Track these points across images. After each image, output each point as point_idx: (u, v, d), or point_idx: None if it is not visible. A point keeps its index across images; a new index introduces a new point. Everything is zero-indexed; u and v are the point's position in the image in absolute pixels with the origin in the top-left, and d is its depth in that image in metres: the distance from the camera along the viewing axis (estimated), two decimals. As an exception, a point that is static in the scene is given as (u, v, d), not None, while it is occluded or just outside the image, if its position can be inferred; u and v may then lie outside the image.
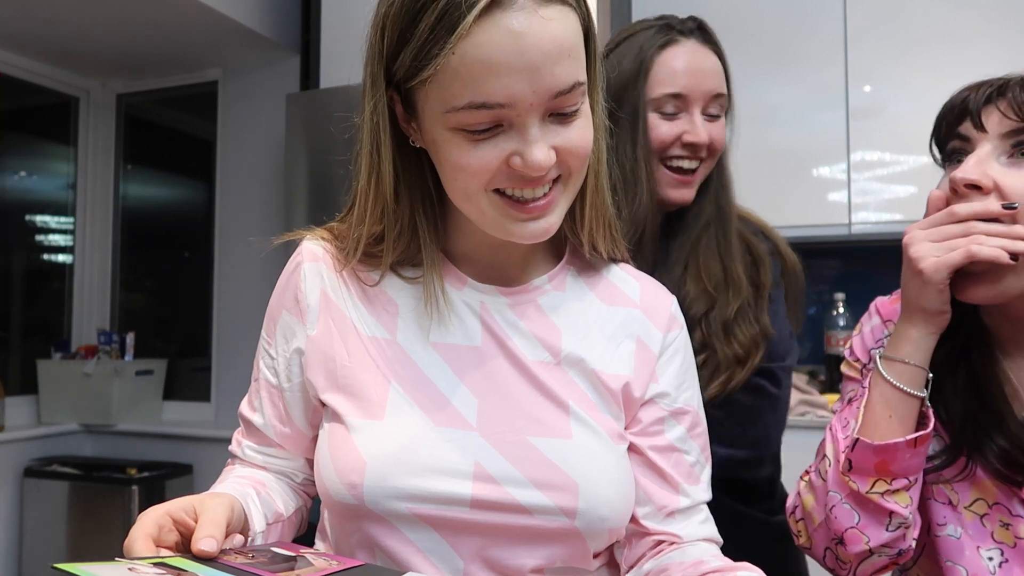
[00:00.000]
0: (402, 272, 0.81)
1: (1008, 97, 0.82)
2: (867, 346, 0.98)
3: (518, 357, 0.78)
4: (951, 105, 0.87)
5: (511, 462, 0.73)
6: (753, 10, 2.78)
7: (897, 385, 0.83)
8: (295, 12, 3.23)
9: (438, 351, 0.78)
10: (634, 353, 0.82)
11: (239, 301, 3.32)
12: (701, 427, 0.85)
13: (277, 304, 0.83)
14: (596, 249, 0.84)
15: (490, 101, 0.66)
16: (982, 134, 0.83)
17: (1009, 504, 0.85)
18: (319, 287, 0.80)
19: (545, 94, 0.67)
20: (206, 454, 3.25)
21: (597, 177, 0.80)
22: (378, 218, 0.77)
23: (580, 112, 0.71)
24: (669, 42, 1.13)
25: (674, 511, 0.80)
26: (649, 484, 0.80)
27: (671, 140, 1.12)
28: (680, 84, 1.11)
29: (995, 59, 2.54)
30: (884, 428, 0.83)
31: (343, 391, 0.77)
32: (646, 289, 0.87)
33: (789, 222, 2.70)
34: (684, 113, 1.13)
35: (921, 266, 0.80)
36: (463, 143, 0.69)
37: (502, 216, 0.72)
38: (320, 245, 0.82)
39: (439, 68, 0.65)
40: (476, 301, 0.80)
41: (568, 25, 0.68)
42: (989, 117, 0.83)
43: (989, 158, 0.82)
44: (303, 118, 2.78)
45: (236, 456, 0.87)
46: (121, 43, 3.17)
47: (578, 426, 0.76)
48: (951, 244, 0.79)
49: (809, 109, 2.73)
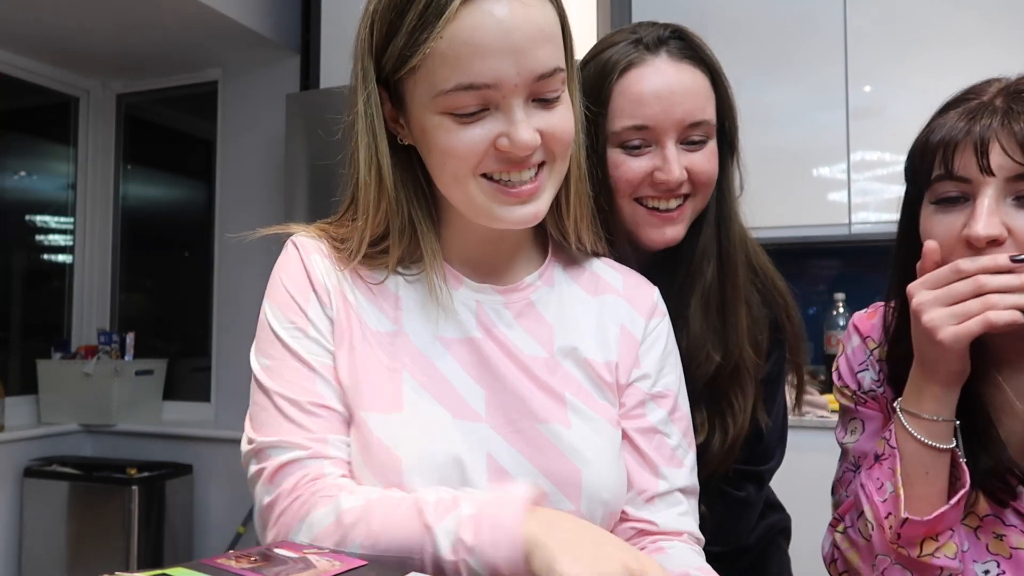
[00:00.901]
0: (401, 270, 0.82)
1: (1016, 134, 0.76)
2: (852, 370, 0.98)
3: (514, 353, 0.80)
4: (945, 139, 0.80)
5: (520, 452, 0.76)
6: (753, 10, 2.78)
7: (929, 444, 0.82)
8: (295, 12, 3.23)
9: (444, 344, 0.80)
10: (618, 338, 0.85)
11: (239, 301, 3.32)
12: (681, 412, 0.87)
13: (295, 287, 0.79)
14: (581, 241, 0.86)
15: (477, 82, 0.70)
16: (988, 177, 0.78)
17: (1001, 515, 0.85)
18: (328, 276, 0.80)
19: (529, 76, 0.71)
20: (206, 454, 3.25)
21: (579, 167, 0.83)
22: (383, 213, 0.78)
23: (561, 99, 0.75)
24: (632, 64, 0.95)
25: (653, 496, 0.81)
26: (631, 466, 0.82)
27: (639, 180, 0.94)
28: (644, 115, 0.93)
29: (995, 59, 2.54)
30: (922, 488, 0.82)
31: (357, 379, 0.77)
32: (628, 279, 0.90)
33: (789, 222, 2.70)
34: (654, 146, 0.95)
35: (939, 337, 0.77)
36: (452, 127, 0.72)
37: (491, 201, 0.75)
38: (315, 241, 0.82)
39: (428, 53, 0.70)
40: (472, 300, 0.82)
41: (546, 13, 0.73)
42: (993, 157, 0.77)
43: (999, 204, 0.78)
44: (303, 118, 2.78)
45: (328, 482, 0.72)
46: (121, 43, 3.17)
47: (575, 416, 0.79)
48: (966, 310, 0.76)
49: (809, 109, 2.73)
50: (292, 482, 0.72)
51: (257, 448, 0.75)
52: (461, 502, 0.66)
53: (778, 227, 2.68)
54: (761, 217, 1.23)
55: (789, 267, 1.16)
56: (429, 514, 0.65)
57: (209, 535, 3.28)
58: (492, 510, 0.64)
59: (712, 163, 0.97)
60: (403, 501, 0.68)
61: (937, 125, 0.82)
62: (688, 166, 0.94)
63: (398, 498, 0.69)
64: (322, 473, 0.73)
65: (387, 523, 0.66)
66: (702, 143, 0.96)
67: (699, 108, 0.95)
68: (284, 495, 0.72)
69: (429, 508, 0.66)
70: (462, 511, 0.65)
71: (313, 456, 0.73)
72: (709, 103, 0.97)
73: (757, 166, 1.12)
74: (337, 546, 0.67)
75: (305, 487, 0.72)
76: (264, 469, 0.73)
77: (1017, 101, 0.78)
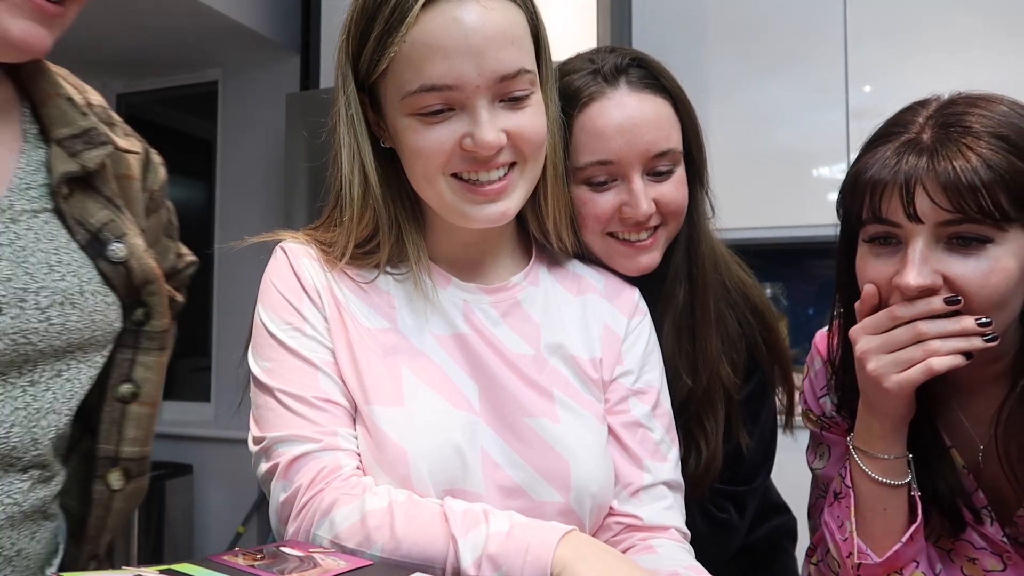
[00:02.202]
0: (391, 269, 0.83)
1: (940, 176, 0.73)
2: (815, 394, 0.98)
3: (502, 351, 0.81)
4: (873, 180, 0.77)
5: (510, 446, 0.77)
6: (753, 11, 2.79)
7: (883, 481, 0.82)
8: (295, 12, 3.23)
9: (436, 340, 0.81)
10: (601, 336, 0.87)
11: (239, 301, 3.32)
12: (663, 408, 0.88)
13: (287, 289, 0.80)
14: (562, 240, 0.88)
15: (439, 83, 0.72)
16: (917, 225, 0.75)
17: (970, 538, 0.86)
18: (318, 278, 0.81)
19: (490, 77, 0.73)
20: (206, 454, 3.25)
21: (556, 168, 0.85)
22: (370, 213, 0.80)
23: (531, 100, 0.77)
24: (592, 97, 0.91)
25: (638, 489, 0.82)
26: (616, 460, 0.83)
27: (607, 216, 0.92)
28: (607, 149, 0.90)
29: (994, 60, 2.55)
30: (882, 524, 0.82)
31: (359, 374, 0.78)
32: (610, 280, 0.93)
33: (789, 222, 2.70)
34: (620, 180, 0.92)
35: (885, 385, 0.77)
36: (418, 127, 0.75)
37: (460, 200, 0.77)
38: (303, 246, 0.83)
39: (393, 57, 0.73)
40: (460, 299, 0.83)
41: (510, 16, 0.75)
42: (919, 203, 0.74)
43: (930, 251, 0.75)
44: (303, 118, 2.78)
45: (346, 473, 0.73)
46: (121, 43, 3.17)
47: (564, 411, 0.80)
48: (909, 357, 0.76)
49: (809, 109, 2.73)
50: (310, 476, 0.72)
51: (267, 445, 0.75)
52: (491, 517, 0.66)
53: (778, 227, 2.68)
54: (761, 217, 1.22)
55: (789, 267, 1.16)
56: (455, 524, 0.65)
57: (209, 535, 3.28)
58: (523, 532, 0.64)
59: (681, 191, 0.95)
60: (428, 508, 0.68)
61: (866, 163, 0.79)
62: (656, 197, 0.92)
63: (423, 504, 0.69)
64: (339, 465, 0.73)
65: (410, 529, 0.66)
66: (669, 172, 0.93)
67: (663, 137, 0.92)
68: (303, 489, 0.71)
69: (456, 518, 0.66)
70: (491, 527, 0.65)
71: (326, 448, 0.73)
72: (673, 130, 0.94)
73: (757, 166, 1.12)
74: (359, 546, 0.67)
75: (324, 480, 0.72)
76: (277, 464, 0.73)
77: (944, 139, 0.75)
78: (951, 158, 0.73)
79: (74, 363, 0.77)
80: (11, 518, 0.73)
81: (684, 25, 2.82)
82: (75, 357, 0.77)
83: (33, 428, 0.74)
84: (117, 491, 0.83)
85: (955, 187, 0.72)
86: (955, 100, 0.79)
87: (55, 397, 0.75)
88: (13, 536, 0.73)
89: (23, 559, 0.75)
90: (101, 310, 0.78)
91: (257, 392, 0.78)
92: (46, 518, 0.78)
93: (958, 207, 0.72)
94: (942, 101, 0.80)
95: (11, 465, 0.73)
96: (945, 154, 0.73)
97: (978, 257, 0.74)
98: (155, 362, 0.85)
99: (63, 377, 0.76)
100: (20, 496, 0.73)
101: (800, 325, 2.93)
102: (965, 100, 0.78)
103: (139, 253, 0.82)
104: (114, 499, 0.83)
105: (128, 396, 0.83)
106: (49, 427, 0.75)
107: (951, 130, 0.75)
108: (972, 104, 0.77)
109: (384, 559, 0.65)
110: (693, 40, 2.81)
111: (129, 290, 0.81)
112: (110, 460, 0.82)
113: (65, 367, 0.76)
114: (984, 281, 0.74)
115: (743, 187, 2.53)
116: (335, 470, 0.72)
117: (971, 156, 0.72)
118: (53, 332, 0.73)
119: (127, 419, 0.83)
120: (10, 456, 0.72)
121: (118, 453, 0.83)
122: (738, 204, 1.15)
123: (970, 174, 0.72)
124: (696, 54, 2.79)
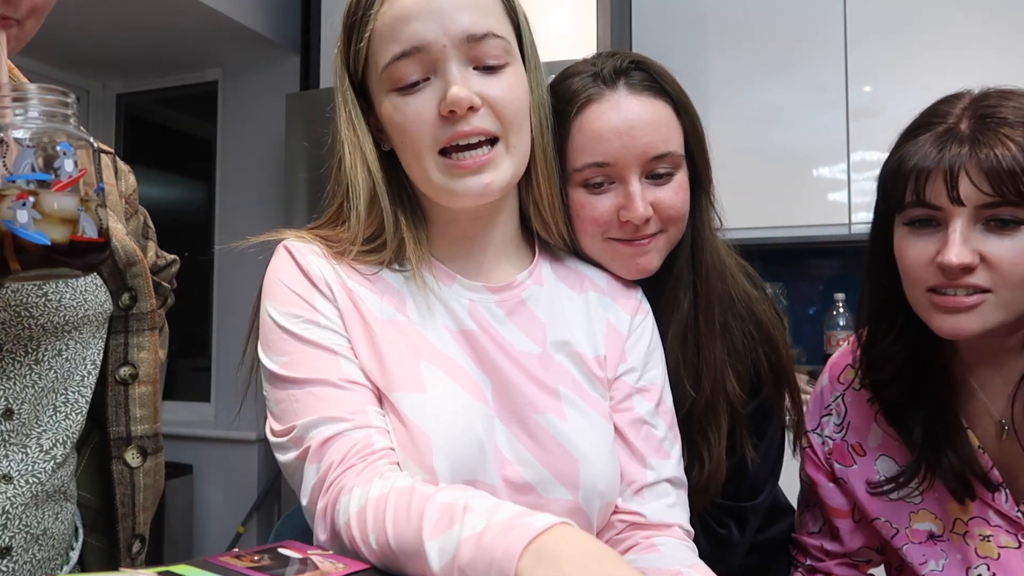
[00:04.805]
0: (397, 267, 0.83)
1: (982, 163, 0.78)
2: (819, 412, 1.04)
3: (508, 349, 0.82)
4: (918, 167, 0.82)
5: (521, 442, 0.78)
6: (753, 10, 2.79)
7: None
8: (295, 12, 3.23)
9: (448, 333, 0.81)
10: (605, 334, 0.87)
11: (239, 301, 3.32)
12: (666, 406, 0.89)
13: (296, 284, 0.80)
14: (561, 234, 0.89)
15: (407, 47, 0.75)
16: (959, 207, 0.80)
17: (985, 516, 0.88)
18: (327, 272, 0.81)
19: (456, 36, 0.75)
20: (206, 454, 3.25)
21: (546, 160, 0.85)
22: (376, 208, 0.80)
23: (507, 70, 0.78)
24: (589, 99, 0.90)
25: (642, 487, 0.82)
26: (620, 458, 0.83)
27: (605, 220, 0.90)
28: (604, 151, 0.89)
29: (995, 59, 2.54)
30: None
31: (380, 360, 0.77)
32: (612, 279, 0.93)
33: (789, 222, 2.70)
34: (617, 183, 0.90)
35: None
36: (399, 101, 0.77)
37: (446, 177, 0.78)
38: (307, 244, 0.83)
39: (370, 39, 0.78)
40: (465, 297, 0.83)
41: None
42: (962, 187, 0.79)
43: (970, 231, 0.80)
44: (303, 118, 2.78)
45: (377, 450, 0.72)
46: (121, 43, 3.17)
47: (571, 409, 0.80)
48: None
49: (809, 109, 2.73)
50: (342, 453, 0.70)
51: (296, 434, 0.73)
52: (467, 515, 0.61)
53: (778, 227, 2.68)
54: (761, 217, 1.22)
55: (789, 267, 1.16)
56: (428, 524, 0.62)
57: (209, 535, 3.28)
58: (493, 540, 0.58)
59: (680, 196, 0.92)
60: (417, 500, 0.64)
61: (908, 150, 0.84)
62: (654, 201, 0.90)
63: (416, 495, 0.65)
64: (370, 442, 0.72)
65: (398, 525, 0.64)
66: (669, 176, 0.91)
67: (662, 140, 0.90)
68: (335, 465, 0.70)
69: (433, 515, 0.62)
70: (464, 529, 0.60)
71: (357, 427, 0.72)
72: (673, 134, 0.91)
73: (757, 166, 1.11)
74: (360, 534, 0.66)
75: (357, 456, 0.70)
76: (308, 448, 0.72)
77: (983, 129, 0.80)
78: (992, 146, 0.78)
79: (72, 343, 0.80)
80: (35, 497, 0.76)
81: (684, 25, 2.82)
82: (73, 338, 0.80)
83: (37, 407, 0.77)
84: (136, 468, 0.87)
85: (996, 172, 0.77)
86: (988, 94, 0.85)
87: (56, 376, 0.79)
88: (38, 515, 0.77)
89: (49, 538, 0.78)
90: (91, 290, 0.82)
91: (276, 388, 0.77)
92: (66, 499, 0.82)
93: (998, 191, 0.78)
94: (975, 95, 0.85)
95: (27, 445, 0.76)
96: (985, 142, 0.79)
97: (1013, 237, 0.79)
98: (148, 342, 0.89)
99: (63, 357, 0.80)
100: (43, 476, 0.77)
101: (800, 325, 2.93)
102: (997, 93, 0.84)
103: (120, 236, 0.86)
104: (135, 476, 0.88)
105: (128, 378, 0.87)
106: (56, 407, 0.79)
107: (988, 120, 0.80)
108: (1004, 97, 0.83)
109: (382, 551, 0.64)
110: (693, 40, 2.81)
111: (114, 274, 0.85)
112: (123, 440, 0.87)
113: (65, 347, 0.80)
114: (1019, 259, 0.79)
115: (743, 187, 2.53)
116: (366, 447, 0.71)
117: (1010, 144, 0.78)
118: (51, 308, 0.77)
119: (131, 400, 0.88)
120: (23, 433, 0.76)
121: (129, 432, 0.87)
122: (738, 204, 1.14)
123: (1010, 160, 0.77)
124: (696, 54, 2.79)
